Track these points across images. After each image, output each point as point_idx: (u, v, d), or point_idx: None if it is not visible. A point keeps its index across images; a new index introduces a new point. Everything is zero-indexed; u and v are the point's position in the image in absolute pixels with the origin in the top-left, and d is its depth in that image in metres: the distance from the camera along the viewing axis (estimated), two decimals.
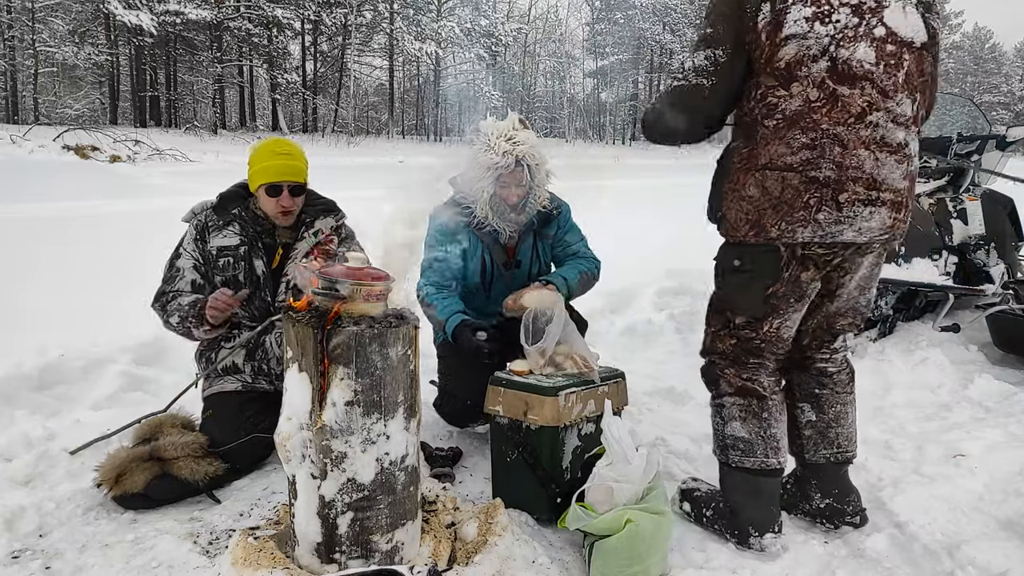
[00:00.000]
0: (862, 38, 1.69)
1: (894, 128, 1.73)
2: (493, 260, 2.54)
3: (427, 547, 1.69)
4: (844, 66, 1.69)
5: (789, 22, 1.71)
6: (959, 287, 3.63)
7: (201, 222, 2.40)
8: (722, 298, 1.99)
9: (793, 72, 1.72)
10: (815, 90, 1.70)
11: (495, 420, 2.08)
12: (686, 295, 4.67)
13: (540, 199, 2.50)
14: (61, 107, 26.26)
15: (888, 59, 1.70)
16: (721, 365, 1.99)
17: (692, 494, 2.07)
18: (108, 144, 16.61)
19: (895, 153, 1.74)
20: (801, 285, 1.84)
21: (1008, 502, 2.12)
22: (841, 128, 1.70)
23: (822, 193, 1.71)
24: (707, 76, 1.80)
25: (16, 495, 1.99)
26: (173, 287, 2.37)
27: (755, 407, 1.92)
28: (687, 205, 2.95)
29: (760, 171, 1.77)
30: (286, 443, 1.53)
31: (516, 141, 2.36)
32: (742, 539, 1.90)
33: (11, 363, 2.72)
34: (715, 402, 2.02)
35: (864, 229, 1.75)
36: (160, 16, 25.10)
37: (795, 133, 1.72)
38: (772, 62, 1.73)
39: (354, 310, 1.52)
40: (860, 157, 1.70)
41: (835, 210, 1.72)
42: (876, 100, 1.70)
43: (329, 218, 2.50)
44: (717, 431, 2.00)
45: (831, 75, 1.69)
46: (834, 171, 1.71)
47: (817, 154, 1.70)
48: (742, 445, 1.91)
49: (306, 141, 26.42)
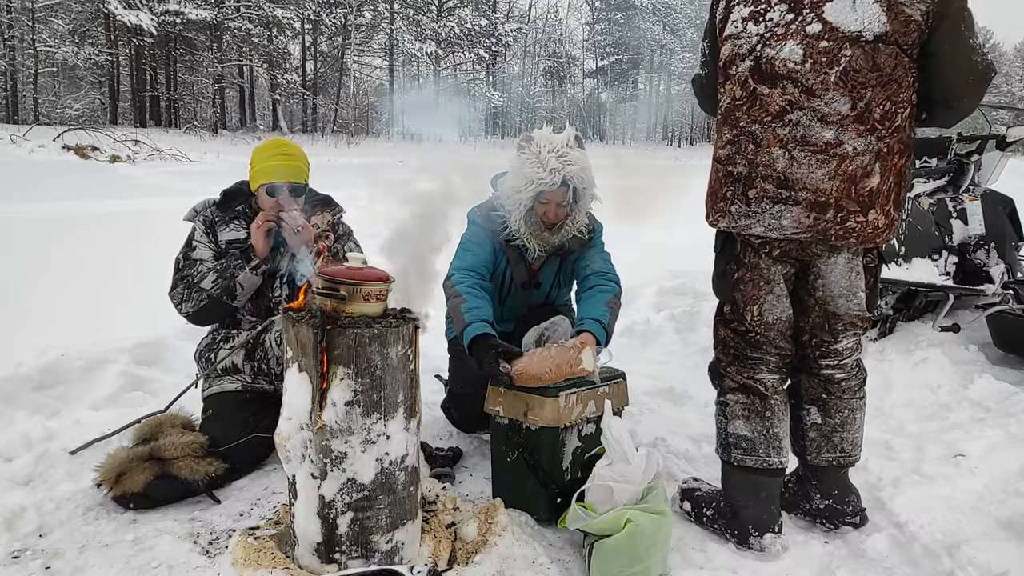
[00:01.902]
0: (792, 36, 1.70)
1: (820, 127, 1.69)
2: (513, 278, 2.43)
3: (427, 547, 1.69)
4: (767, 65, 1.72)
5: (729, 22, 1.80)
6: (959, 287, 3.63)
7: (208, 218, 2.41)
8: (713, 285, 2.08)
9: (727, 71, 1.83)
10: (739, 88, 1.79)
11: (495, 420, 2.09)
12: (686, 295, 4.67)
13: (578, 223, 2.32)
14: (61, 107, 26.25)
15: (819, 56, 1.67)
16: (724, 362, 2.00)
17: (692, 494, 2.07)
18: (108, 144, 16.61)
19: (819, 152, 1.70)
20: (762, 270, 1.89)
21: (1008, 502, 2.12)
22: (757, 126, 1.74)
23: (735, 187, 1.81)
24: (701, 67, 2.07)
25: (16, 495, 1.98)
26: (195, 270, 2.33)
27: (758, 406, 1.92)
28: (687, 205, 2.95)
29: (712, 162, 1.92)
30: (286, 443, 1.53)
31: (567, 160, 2.19)
32: (742, 538, 1.90)
33: (11, 363, 2.72)
34: (719, 400, 2.02)
35: (774, 226, 1.77)
36: (160, 16, 25.13)
37: (724, 129, 1.84)
38: (717, 60, 1.89)
39: (354, 310, 1.52)
40: (772, 155, 1.73)
41: (744, 204, 1.80)
42: (799, 99, 1.70)
43: (327, 213, 2.50)
44: (720, 429, 2.00)
45: (753, 74, 1.75)
46: (746, 167, 1.78)
47: (734, 150, 1.80)
48: (744, 444, 1.91)
49: (306, 141, 26.42)
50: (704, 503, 2.02)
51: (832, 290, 1.90)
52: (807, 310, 1.95)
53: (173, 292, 2.37)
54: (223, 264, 2.31)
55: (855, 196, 1.72)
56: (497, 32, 36.07)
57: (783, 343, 1.94)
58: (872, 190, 1.72)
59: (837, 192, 1.71)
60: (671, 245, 5.67)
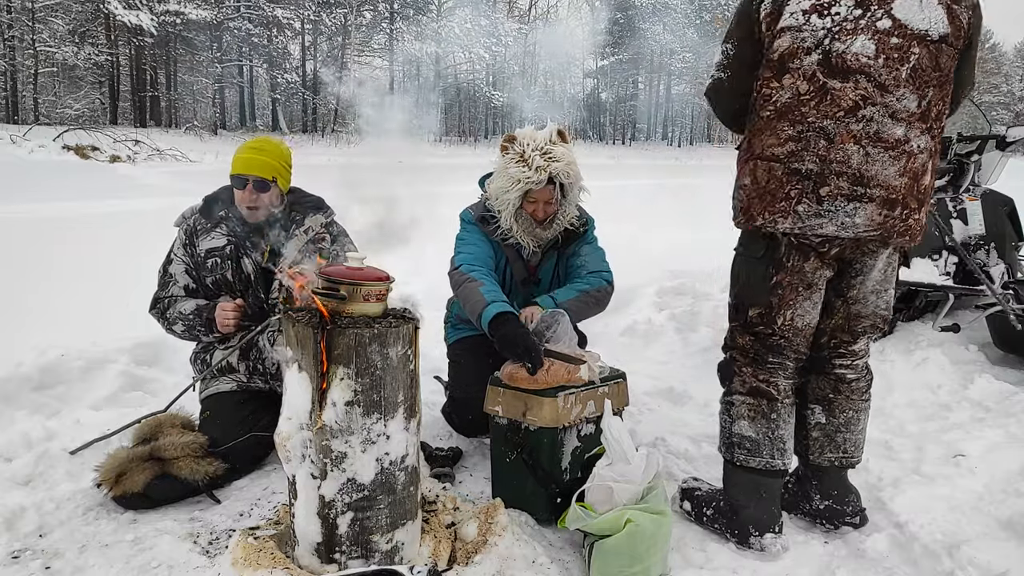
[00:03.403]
0: (862, 31, 1.67)
1: (892, 123, 1.70)
2: (513, 276, 2.45)
3: (427, 547, 1.69)
4: (838, 59, 1.68)
5: (786, 14, 1.72)
6: (959, 287, 3.63)
7: (190, 226, 2.41)
8: (735, 289, 1.98)
9: (786, 64, 1.74)
10: (805, 83, 1.71)
11: (495, 420, 2.08)
12: (686, 295, 4.67)
13: (568, 216, 2.37)
14: (61, 107, 26.26)
15: (891, 52, 1.68)
16: (740, 362, 1.96)
17: (692, 493, 2.06)
18: (108, 144, 16.63)
19: (891, 149, 1.71)
20: (806, 274, 1.82)
21: (1008, 502, 2.12)
22: (828, 122, 1.69)
23: (803, 185, 1.73)
24: (724, 70, 1.90)
25: (16, 495, 1.98)
26: (167, 293, 2.40)
27: (765, 408, 1.90)
28: (687, 205, 2.95)
29: (753, 160, 1.81)
30: (286, 443, 1.53)
31: (552, 156, 2.21)
32: (742, 538, 1.90)
33: (11, 363, 2.72)
34: (725, 399, 1.99)
35: (847, 224, 1.73)
36: (160, 16, 25.14)
37: (783, 125, 1.74)
38: (768, 53, 1.77)
39: (354, 310, 1.52)
40: (847, 151, 1.69)
41: (815, 203, 1.72)
42: (871, 94, 1.68)
43: (319, 215, 2.49)
44: (724, 428, 1.98)
45: (822, 68, 1.69)
46: (817, 164, 1.71)
47: (802, 147, 1.72)
48: (748, 444, 1.90)
49: (306, 141, 26.44)
50: (704, 503, 2.01)
51: (867, 287, 1.90)
52: (832, 312, 1.93)
53: (152, 311, 2.43)
54: (191, 320, 2.34)
55: (915, 194, 1.76)
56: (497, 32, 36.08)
57: (803, 348, 1.92)
58: (926, 188, 1.79)
59: (904, 189, 1.74)
60: (671, 245, 5.68)
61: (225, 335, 2.34)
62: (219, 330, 2.31)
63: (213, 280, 2.37)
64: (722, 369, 2.04)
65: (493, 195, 2.33)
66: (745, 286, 1.93)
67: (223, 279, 2.37)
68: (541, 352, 1.96)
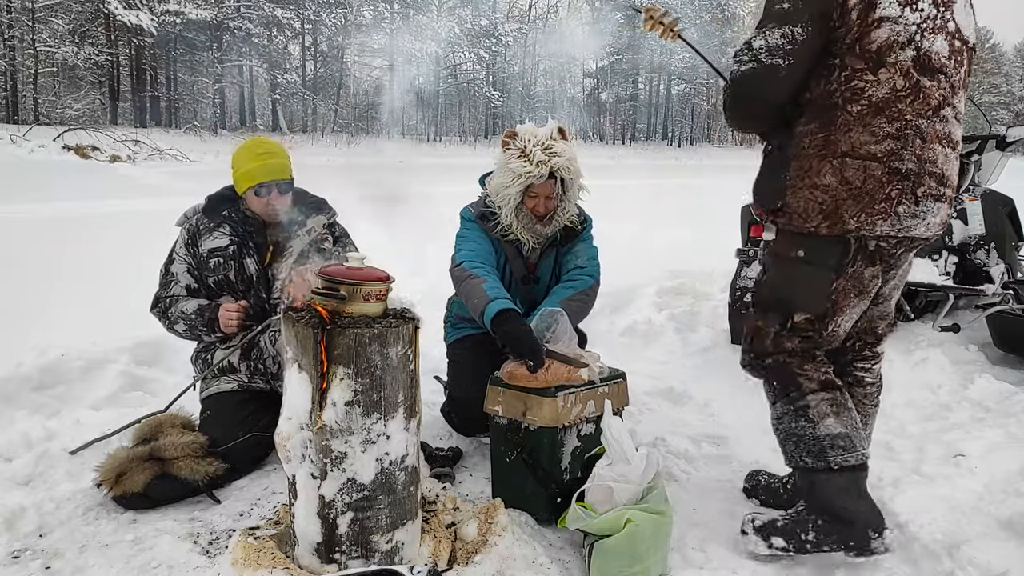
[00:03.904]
0: (940, 31, 1.66)
1: (956, 125, 1.71)
2: (512, 273, 2.46)
3: (427, 547, 1.69)
4: (925, 57, 1.65)
5: (883, 3, 1.62)
6: (959, 287, 3.63)
7: (192, 226, 2.41)
8: (779, 294, 1.84)
9: (883, 57, 1.63)
10: (901, 78, 1.64)
11: (494, 420, 2.08)
12: (686, 295, 4.67)
13: (568, 213, 2.38)
14: (61, 107, 26.26)
15: (956, 55, 1.69)
16: (796, 362, 1.83)
17: (775, 527, 1.79)
18: (108, 144, 16.64)
19: (955, 150, 1.73)
20: (863, 281, 1.76)
21: (1008, 502, 2.12)
22: (922, 121, 1.66)
23: (903, 186, 1.66)
24: (783, 56, 1.65)
25: (16, 495, 1.98)
26: (169, 292, 2.40)
27: (840, 398, 1.79)
28: (687, 205, 2.95)
29: (839, 158, 1.67)
30: (286, 443, 1.53)
31: (553, 152, 2.23)
32: (862, 547, 1.70)
33: (11, 363, 2.72)
34: (796, 404, 1.80)
35: (932, 224, 1.72)
36: (160, 16, 25.15)
37: (880, 121, 1.64)
38: (862, 43, 1.63)
39: (354, 310, 1.52)
40: (935, 152, 1.68)
41: (913, 204, 1.67)
42: (947, 95, 1.68)
43: (321, 216, 2.50)
44: (805, 435, 1.77)
45: (915, 65, 1.64)
46: (915, 164, 1.65)
47: (900, 145, 1.64)
48: (842, 442, 1.74)
49: (306, 141, 26.44)
50: (799, 530, 1.77)
51: (891, 286, 1.89)
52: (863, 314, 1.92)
53: (153, 310, 2.43)
54: (193, 320, 2.34)
55: None
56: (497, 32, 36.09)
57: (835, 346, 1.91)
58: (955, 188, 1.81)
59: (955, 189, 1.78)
60: (671, 245, 5.68)
61: (227, 335, 2.34)
62: (222, 330, 2.31)
63: (215, 280, 2.37)
64: (778, 376, 1.84)
65: (494, 191, 2.34)
66: (798, 293, 1.80)
67: (225, 279, 2.37)
68: (543, 351, 1.96)
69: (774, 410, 1.87)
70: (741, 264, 3.72)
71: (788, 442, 1.81)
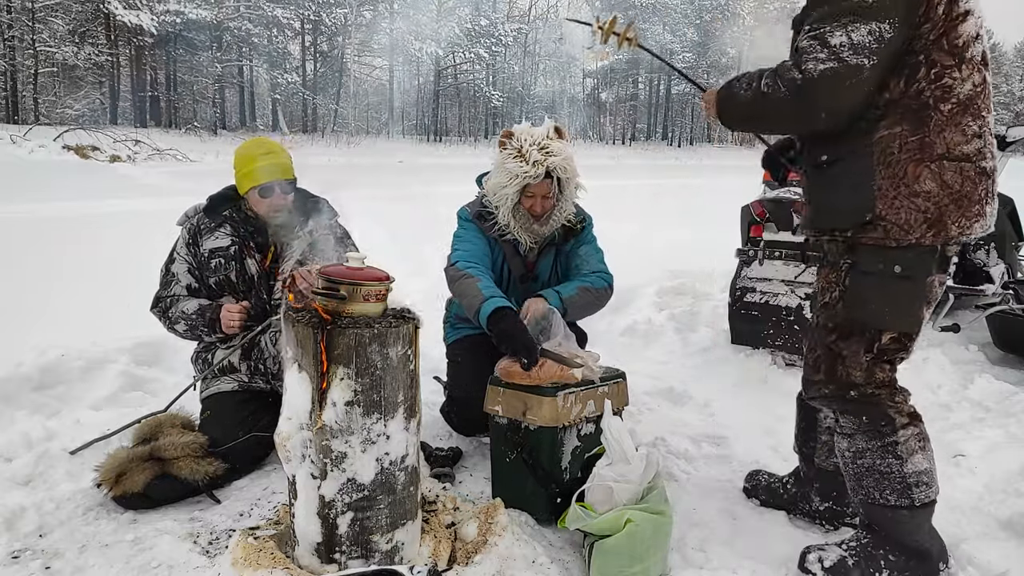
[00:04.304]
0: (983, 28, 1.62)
1: None
2: (511, 272, 2.46)
3: (427, 547, 1.69)
4: (986, 50, 1.62)
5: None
6: (959, 287, 3.63)
7: (193, 225, 2.41)
8: (866, 315, 1.67)
9: (963, 52, 1.55)
10: (978, 74, 1.57)
11: (494, 420, 2.08)
12: (686, 295, 4.67)
13: (566, 213, 2.38)
14: (61, 107, 26.27)
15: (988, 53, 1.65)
16: (886, 394, 1.70)
17: (847, 565, 1.71)
18: (108, 144, 16.64)
19: None
20: (935, 290, 1.66)
21: (1008, 502, 2.12)
22: (991, 117, 1.62)
23: (987, 184, 1.60)
24: (869, 55, 1.49)
25: (16, 495, 1.98)
26: (169, 292, 2.40)
27: (925, 432, 1.71)
28: (687, 205, 2.95)
29: (937, 162, 1.55)
30: (286, 443, 1.53)
31: (549, 151, 2.24)
32: None
33: (11, 363, 2.72)
34: (885, 441, 1.68)
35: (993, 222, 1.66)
36: (160, 16, 25.16)
37: (967, 120, 1.56)
38: (949, 38, 1.53)
39: (354, 310, 1.52)
40: (995, 147, 1.65)
41: (992, 202, 1.62)
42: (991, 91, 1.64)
43: (322, 217, 2.50)
44: (891, 473, 1.67)
45: (982, 59, 1.58)
46: (990, 162, 1.61)
47: (983, 144, 1.59)
48: (925, 478, 1.67)
49: (306, 141, 26.45)
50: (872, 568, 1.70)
51: None
52: None
53: (154, 309, 2.43)
54: (194, 320, 2.33)
55: None
56: (497, 32, 36.10)
57: None
58: None
59: None
60: (671, 245, 5.68)
61: (227, 335, 2.34)
62: (222, 331, 2.31)
63: (216, 280, 2.37)
64: (867, 410, 1.71)
65: (491, 191, 2.34)
66: (890, 311, 1.65)
67: (226, 280, 2.37)
68: (537, 349, 1.97)
69: (852, 443, 1.72)
70: (741, 264, 3.72)
71: (867, 478, 1.70)
